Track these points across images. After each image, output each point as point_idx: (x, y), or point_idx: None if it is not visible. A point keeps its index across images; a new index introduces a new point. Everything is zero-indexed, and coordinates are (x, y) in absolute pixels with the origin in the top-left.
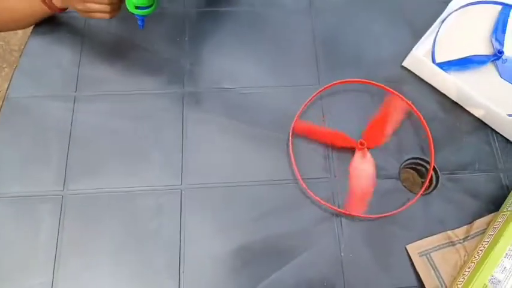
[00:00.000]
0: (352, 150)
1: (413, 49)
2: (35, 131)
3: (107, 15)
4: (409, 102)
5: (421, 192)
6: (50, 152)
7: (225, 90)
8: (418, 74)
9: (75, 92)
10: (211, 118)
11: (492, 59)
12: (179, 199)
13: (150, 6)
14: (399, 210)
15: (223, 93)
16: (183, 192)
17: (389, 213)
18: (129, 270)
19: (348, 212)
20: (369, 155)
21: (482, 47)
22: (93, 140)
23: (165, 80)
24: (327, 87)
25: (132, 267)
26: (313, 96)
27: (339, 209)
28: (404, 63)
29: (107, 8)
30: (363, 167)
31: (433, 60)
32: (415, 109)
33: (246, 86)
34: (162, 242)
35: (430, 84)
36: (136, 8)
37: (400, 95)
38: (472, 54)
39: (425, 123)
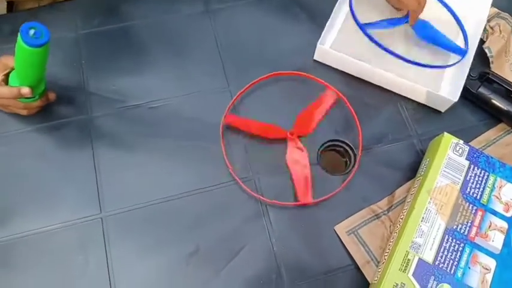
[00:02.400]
0: (281, 143)
1: (318, 43)
2: None
3: (24, 112)
4: (329, 86)
5: (355, 170)
6: None
7: (132, 107)
8: (328, 64)
9: None
10: (122, 139)
11: (406, 20)
12: (101, 228)
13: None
14: (337, 191)
15: (131, 111)
16: (103, 220)
17: (330, 195)
18: None
19: (303, 203)
20: (300, 143)
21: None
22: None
23: (68, 109)
24: (255, 82)
25: None
26: (245, 90)
27: (280, 202)
28: (315, 57)
29: (24, 111)
30: (298, 156)
31: (357, 22)
32: (339, 93)
33: (154, 99)
34: (91, 276)
35: (335, 69)
36: None
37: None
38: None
39: (349, 103)
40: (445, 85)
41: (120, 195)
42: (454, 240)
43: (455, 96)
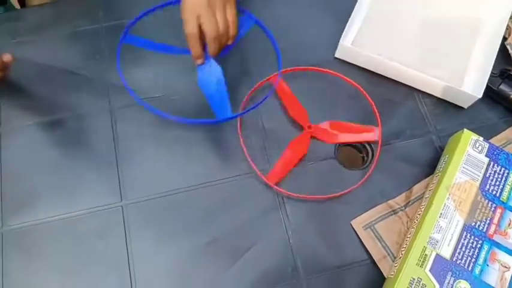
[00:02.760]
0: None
1: (341, 40)
2: None
3: None
4: (359, 86)
5: (373, 167)
6: None
7: (153, 99)
8: (348, 60)
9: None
10: (143, 130)
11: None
12: (121, 216)
13: None
14: (352, 188)
15: (151, 102)
16: (124, 208)
17: (342, 193)
18: None
19: (295, 195)
20: (308, 140)
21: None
22: (24, 172)
23: (90, 99)
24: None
25: None
26: (264, 81)
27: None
28: (337, 54)
29: None
30: (298, 146)
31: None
32: (364, 92)
33: (174, 95)
34: (111, 262)
35: (353, 64)
36: None
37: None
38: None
39: (373, 102)
40: (468, 81)
41: (140, 184)
42: (473, 237)
43: (479, 93)
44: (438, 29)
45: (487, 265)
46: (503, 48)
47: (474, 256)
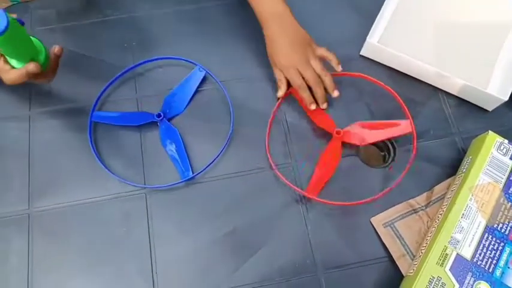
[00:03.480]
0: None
1: (368, 38)
2: None
3: (46, 82)
4: (389, 88)
5: (406, 172)
6: (10, 172)
7: None
8: (373, 58)
9: (29, 110)
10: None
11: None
12: (144, 203)
13: None
14: (380, 195)
15: None
16: (147, 195)
17: (368, 200)
18: (103, 278)
19: (313, 197)
20: (340, 148)
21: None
22: (51, 155)
23: (116, 86)
24: None
25: (105, 275)
26: None
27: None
28: (362, 52)
29: (44, 80)
30: (330, 159)
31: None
32: (395, 94)
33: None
34: (133, 247)
35: (378, 63)
36: None
37: (380, 82)
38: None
39: (399, 97)
40: (494, 83)
41: (164, 171)
42: (494, 239)
43: (505, 95)
44: (465, 31)
45: (508, 267)
46: None
47: (495, 258)
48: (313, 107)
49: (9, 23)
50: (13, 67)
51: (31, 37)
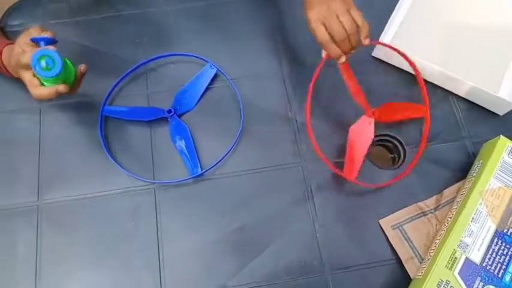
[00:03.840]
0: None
1: (380, 39)
2: (3, 147)
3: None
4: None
5: (414, 162)
6: (20, 164)
7: None
8: (384, 59)
9: (40, 103)
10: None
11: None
12: (153, 198)
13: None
14: (393, 180)
15: None
16: (156, 190)
17: (385, 184)
18: (111, 271)
19: (347, 176)
20: (373, 124)
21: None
22: (61, 148)
23: (127, 81)
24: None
25: (113, 268)
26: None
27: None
28: (374, 53)
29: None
30: (364, 132)
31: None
32: (426, 95)
33: (218, 83)
34: (140, 241)
35: (388, 64)
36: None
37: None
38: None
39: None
40: (506, 87)
41: (173, 167)
42: (504, 244)
43: None
44: (477, 34)
45: None
46: None
47: (505, 263)
48: (342, 59)
49: (63, 66)
50: (42, 84)
51: (66, 59)
